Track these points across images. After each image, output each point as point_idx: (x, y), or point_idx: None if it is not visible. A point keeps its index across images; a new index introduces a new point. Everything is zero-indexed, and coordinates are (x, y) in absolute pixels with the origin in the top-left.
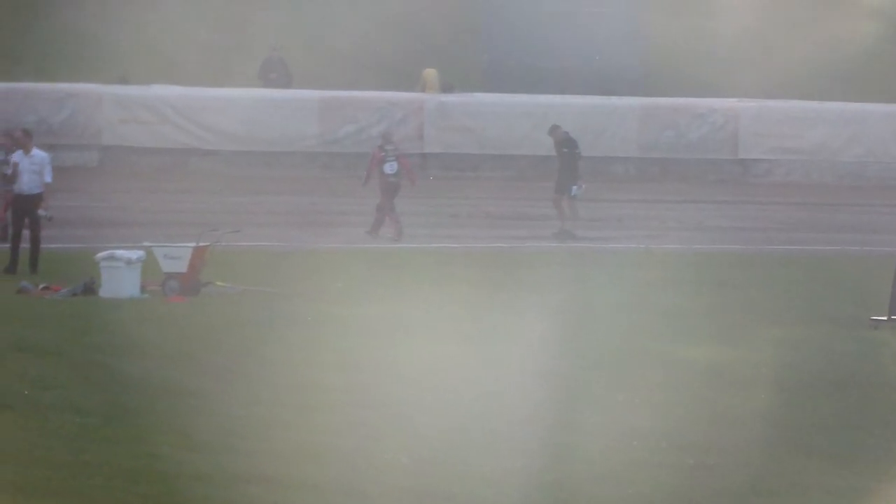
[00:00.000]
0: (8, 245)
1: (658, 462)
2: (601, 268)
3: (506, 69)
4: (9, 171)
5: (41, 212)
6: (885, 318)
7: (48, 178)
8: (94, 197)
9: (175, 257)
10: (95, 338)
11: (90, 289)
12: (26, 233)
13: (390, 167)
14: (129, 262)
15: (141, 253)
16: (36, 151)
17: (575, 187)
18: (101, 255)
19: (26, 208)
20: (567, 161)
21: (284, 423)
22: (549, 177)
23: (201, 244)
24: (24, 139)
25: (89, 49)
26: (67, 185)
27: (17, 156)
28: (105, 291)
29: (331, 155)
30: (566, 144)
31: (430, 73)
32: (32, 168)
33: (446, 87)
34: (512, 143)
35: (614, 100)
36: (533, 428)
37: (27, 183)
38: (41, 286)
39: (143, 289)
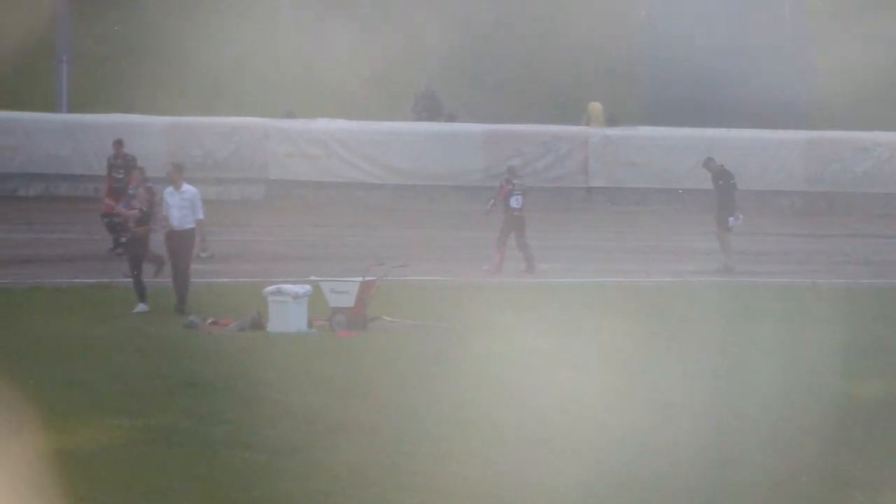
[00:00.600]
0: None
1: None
2: (767, 302)
3: (670, 102)
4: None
5: (201, 253)
6: None
7: (200, 215)
8: (260, 231)
9: (342, 291)
10: (264, 373)
11: (258, 323)
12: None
13: (516, 201)
14: (296, 296)
15: (308, 287)
16: (186, 187)
17: (732, 219)
18: (268, 289)
19: (178, 244)
20: (724, 193)
21: (456, 459)
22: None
23: (368, 278)
24: (174, 174)
25: (256, 83)
26: (234, 219)
27: (167, 192)
28: (273, 326)
29: (489, 189)
30: (722, 176)
31: (595, 107)
32: (182, 204)
33: (611, 121)
34: (677, 177)
35: (779, 133)
36: (717, 468)
37: (178, 219)
38: (209, 321)
39: (310, 323)
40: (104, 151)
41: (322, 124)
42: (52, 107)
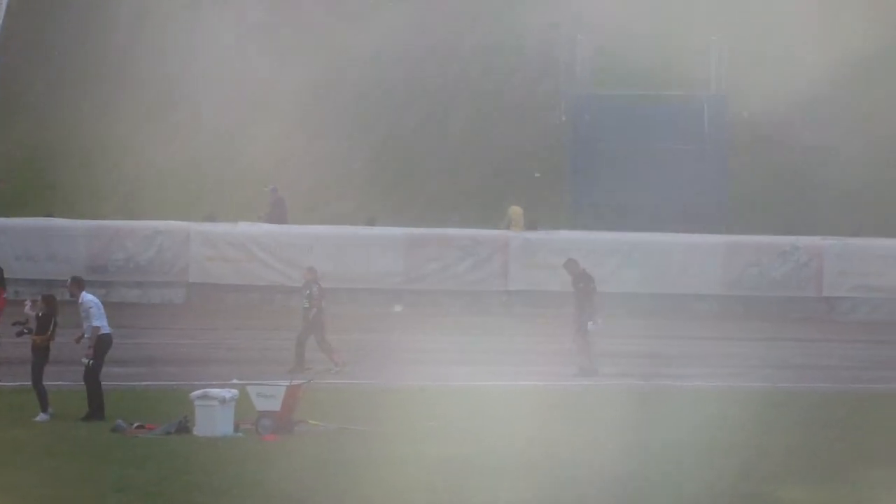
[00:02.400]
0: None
1: None
2: (687, 407)
3: (591, 206)
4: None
5: (84, 360)
6: None
7: (94, 322)
8: (181, 334)
9: (268, 395)
10: (194, 477)
11: (184, 427)
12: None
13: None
14: (223, 400)
15: (234, 391)
16: (84, 296)
17: (591, 323)
18: (195, 393)
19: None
20: (584, 296)
21: None
22: (637, 313)
23: (295, 382)
24: (72, 287)
25: (176, 187)
26: (155, 322)
27: None
28: (199, 430)
29: (416, 292)
30: (582, 279)
31: (516, 211)
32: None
33: (531, 225)
34: (598, 280)
35: (698, 237)
36: None
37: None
38: (135, 425)
39: (236, 427)
40: (27, 254)
41: (243, 228)
42: None
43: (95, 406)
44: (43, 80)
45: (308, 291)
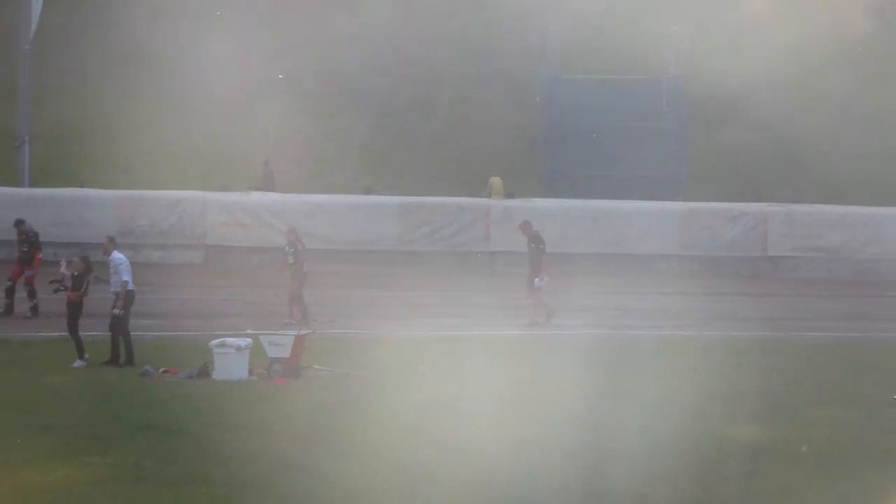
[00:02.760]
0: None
1: None
2: (649, 355)
3: (563, 177)
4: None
5: (115, 311)
6: None
7: (124, 277)
8: (200, 291)
9: (279, 344)
10: (213, 417)
11: (204, 372)
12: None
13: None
14: (238, 348)
15: (248, 340)
16: (114, 255)
17: (538, 280)
18: (213, 342)
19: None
20: (534, 256)
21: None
22: (603, 272)
23: (302, 332)
24: (106, 245)
25: (193, 161)
26: (176, 280)
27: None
28: (218, 374)
29: (408, 253)
30: (535, 240)
31: (496, 182)
32: (110, 270)
33: (510, 194)
34: (568, 243)
35: (658, 204)
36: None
37: (112, 283)
38: (161, 370)
39: (251, 372)
40: (63, 220)
41: (254, 197)
42: (15, 182)
43: (127, 353)
44: (72, 65)
45: (293, 249)
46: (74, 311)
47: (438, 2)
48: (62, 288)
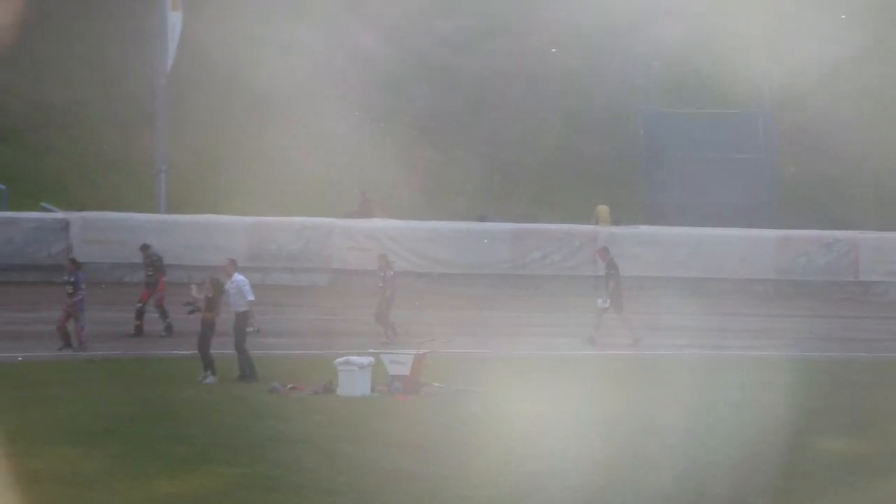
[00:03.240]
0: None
1: None
2: (747, 372)
3: (663, 205)
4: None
5: (248, 328)
6: None
7: (250, 297)
8: (326, 311)
9: (399, 362)
10: (337, 429)
11: (329, 388)
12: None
13: None
14: (361, 366)
15: (371, 358)
16: (236, 277)
17: (600, 300)
18: (338, 360)
19: (233, 324)
20: (607, 280)
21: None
22: (701, 294)
23: (421, 351)
24: (228, 267)
25: (321, 188)
26: (304, 301)
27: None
28: (342, 391)
29: (520, 277)
30: (610, 266)
31: (603, 210)
32: (233, 291)
33: (616, 221)
34: (669, 267)
35: (755, 231)
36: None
37: (232, 304)
38: (288, 386)
39: (372, 388)
40: (196, 245)
41: (377, 223)
42: (152, 208)
43: (251, 369)
44: (208, 99)
45: (382, 274)
46: (207, 331)
47: (547, 41)
48: (196, 309)
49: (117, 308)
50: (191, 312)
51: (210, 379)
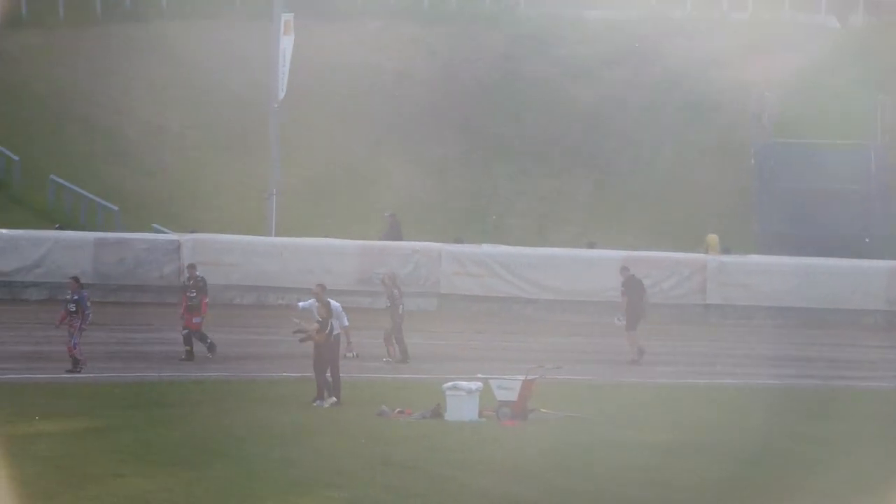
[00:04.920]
0: None
1: None
2: (857, 405)
3: (775, 235)
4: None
5: (347, 353)
6: None
7: (345, 322)
8: (433, 336)
9: (507, 388)
10: (446, 455)
11: (437, 413)
12: None
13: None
14: (469, 391)
15: (479, 384)
16: (332, 302)
17: (617, 318)
18: (446, 385)
19: (326, 349)
20: (623, 296)
21: None
22: (812, 325)
23: (529, 377)
24: (319, 292)
25: (430, 213)
26: (411, 326)
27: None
28: (450, 415)
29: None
30: (626, 284)
31: (713, 238)
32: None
33: (726, 250)
34: (779, 297)
35: (866, 262)
36: None
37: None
38: (397, 410)
39: (480, 413)
40: (306, 268)
41: (486, 249)
42: (263, 231)
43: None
44: (319, 123)
45: (389, 293)
46: (321, 353)
47: (662, 71)
48: (308, 337)
49: (227, 330)
50: (302, 341)
51: (318, 402)
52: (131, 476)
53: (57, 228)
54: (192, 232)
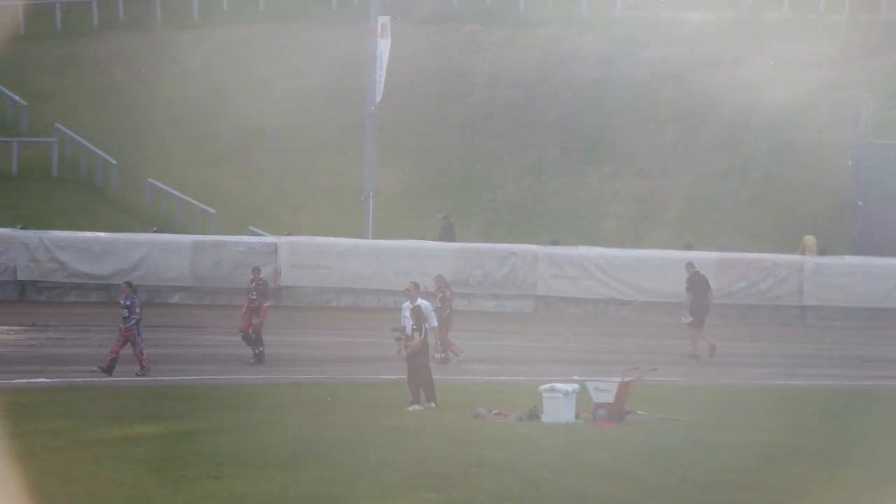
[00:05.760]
0: None
1: None
2: None
3: (872, 237)
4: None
5: (436, 355)
6: None
7: (433, 324)
8: (530, 338)
9: (604, 390)
10: (542, 457)
11: (534, 415)
12: None
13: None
14: (566, 393)
15: (575, 385)
16: (419, 301)
17: (684, 316)
18: (543, 386)
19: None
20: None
21: None
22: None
23: (626, 379)
24: (411, 291)
25: (525, 217)
26: (508, 328)
27: (404, 306)
28: (546, 417)
29: (726, 306)
30: (689, 281)
31: (810, 240)
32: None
33: (822, 251)
34: (877, 298)
35: None
36: None
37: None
38: (493, 412)
39: (577, 415)
40: (402, 270)
41: (582, 251)
42: (359, 234)
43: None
44: (415, 127)
45: (441, 295)
46: (416, 360)
47: (756, 73)
48: (403, 337)
49: (323, 332)
50: (397, 340)
51: (420, 407)
52: (228, 478)
53: (154, 232)
54: (289, 234)
